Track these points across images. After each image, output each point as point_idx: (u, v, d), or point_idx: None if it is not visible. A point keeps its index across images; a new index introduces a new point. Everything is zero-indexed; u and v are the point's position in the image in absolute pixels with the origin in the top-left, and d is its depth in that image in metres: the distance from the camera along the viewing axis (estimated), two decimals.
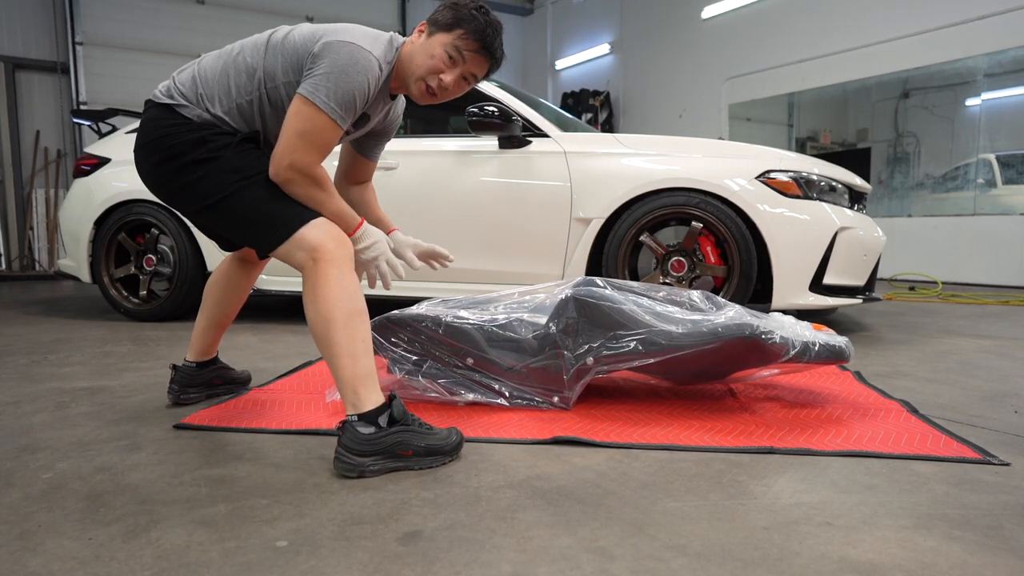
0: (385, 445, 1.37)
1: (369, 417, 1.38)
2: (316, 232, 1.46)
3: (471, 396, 1.87)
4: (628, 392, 2.06)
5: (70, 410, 1.89)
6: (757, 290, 3.05)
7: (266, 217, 1.50)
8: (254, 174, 1.51)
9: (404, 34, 1.64)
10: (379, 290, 2.30)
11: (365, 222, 1.61)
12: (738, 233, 2.95)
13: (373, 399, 1.40)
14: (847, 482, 1.34)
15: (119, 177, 3.78)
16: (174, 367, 1.94)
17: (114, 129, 4.19)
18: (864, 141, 8.22)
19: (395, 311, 1.95)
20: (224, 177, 1.50)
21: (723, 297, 2.65)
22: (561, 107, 9.11)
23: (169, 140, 1.53)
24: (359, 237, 1.58)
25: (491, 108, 3.09)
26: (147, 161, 1.59)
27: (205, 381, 1.96)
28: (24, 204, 8.08)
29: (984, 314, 4.14)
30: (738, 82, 8.28)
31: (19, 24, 7.89)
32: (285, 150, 1.45)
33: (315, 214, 1.50)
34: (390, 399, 1.42)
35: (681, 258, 3.07)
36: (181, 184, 1.55)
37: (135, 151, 1.62)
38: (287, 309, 4.38)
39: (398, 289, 3.40)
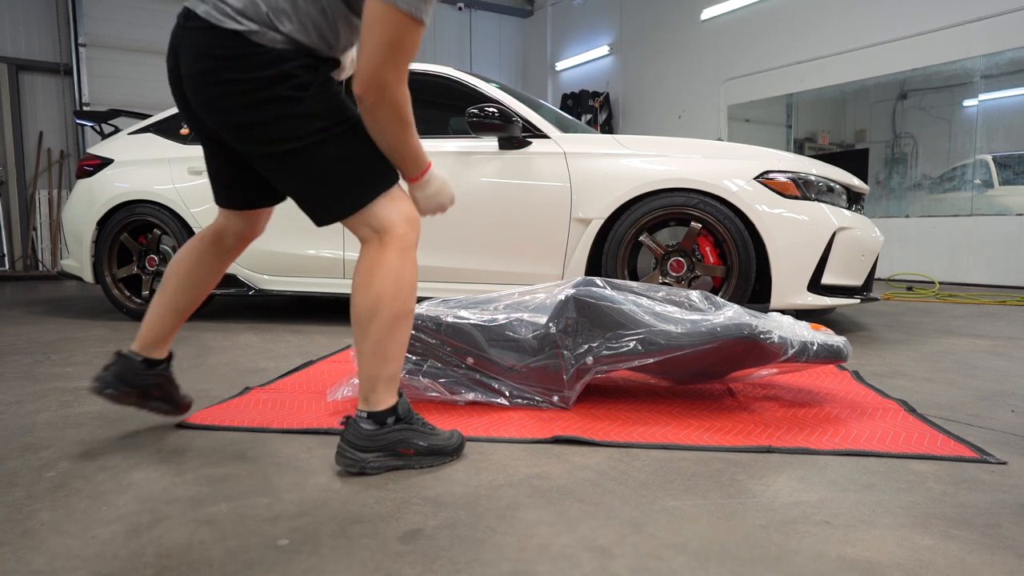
0: (387, 442, 1.37)
1: (378, 417, 1.37)
2: (388, 209, 1.36)
3: (471, 395, 1.88)
4: (628, 392, 2.06)
5: (73, 409, 1.89)
6: (756, 290, 3.06)
7: (340, 181, 1.35)
8: (335, 124, 1.34)
9: None
10: None
11: (432, 164, 1.45)
12: (737, 233, 2.96)
13: (387, 400, 1.39)
14: (845, 481, 1.34)
15: (122, 178, 3.79)
16: (119, 354, 1.59)
17: (117, 130, 4.20)
18: (862, 142, 8.23)
19: None
20: (303, 123, 1.32)
21: (722, 297, 2.66)
22: (561, 108, 9.12)
23: (243, 73, 1.30)
24: (427, 180, 1.43)
25: (491, 109, 3.10)
26: (208, 91, 1.34)
27: (143, 384, 1.60)
28: (27, 205, 8.10)
29: (981, 314, 4.15)
30: (737, 83, 8.29)
31: (22, 26, 7.91)
32: (373, 65, 1.25)
33: (390, 182, 1.38)
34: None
35: (680, 258, 3.08)
36: (251, 121, 1.34)
37: (190, 76, 1.35)
38: (288, 309, 4.39)
39: None
